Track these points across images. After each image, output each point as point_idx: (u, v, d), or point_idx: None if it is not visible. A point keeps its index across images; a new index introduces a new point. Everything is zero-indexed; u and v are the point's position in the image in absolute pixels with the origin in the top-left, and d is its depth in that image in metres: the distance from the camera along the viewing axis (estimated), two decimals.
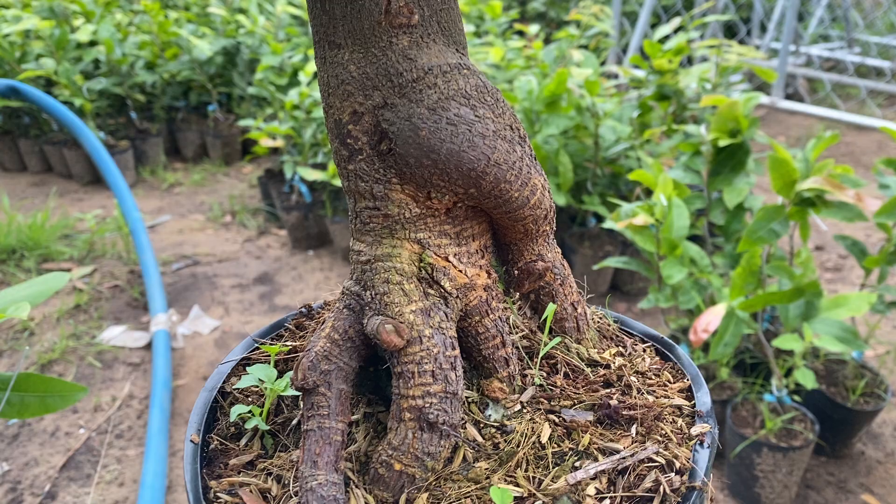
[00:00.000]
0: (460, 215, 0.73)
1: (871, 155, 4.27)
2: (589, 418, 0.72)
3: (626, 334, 0.90)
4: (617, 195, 2.75)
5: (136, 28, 4.32)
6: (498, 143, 0.68)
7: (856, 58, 5.43)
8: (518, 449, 0.69)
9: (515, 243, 0.78)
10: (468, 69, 0.69)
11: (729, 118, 1.98)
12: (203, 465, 0.73)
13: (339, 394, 0.72)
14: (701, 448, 0.68)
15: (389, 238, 0.72)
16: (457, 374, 0.70)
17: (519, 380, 0.77)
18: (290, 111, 3.08)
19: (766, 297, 1.67)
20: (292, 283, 2.96)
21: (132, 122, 4.25)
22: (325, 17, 0.67)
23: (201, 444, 0.74)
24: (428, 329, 0.70)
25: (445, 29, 0.69)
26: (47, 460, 2.01)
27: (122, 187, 2.86)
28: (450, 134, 0.65)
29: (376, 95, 0.67)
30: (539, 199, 0.73)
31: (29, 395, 1.25)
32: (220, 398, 0.80)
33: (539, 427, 0.71)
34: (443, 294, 0.72)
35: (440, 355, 0.69)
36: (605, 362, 0.81)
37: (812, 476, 1.92)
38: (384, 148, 0.68)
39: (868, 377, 1.95)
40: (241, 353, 0.86)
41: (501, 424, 0.72)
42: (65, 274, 1.34)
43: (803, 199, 1.69)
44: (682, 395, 0.78)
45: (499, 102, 0.70)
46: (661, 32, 2.80)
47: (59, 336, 2.55)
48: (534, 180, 0.71)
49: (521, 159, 0.70)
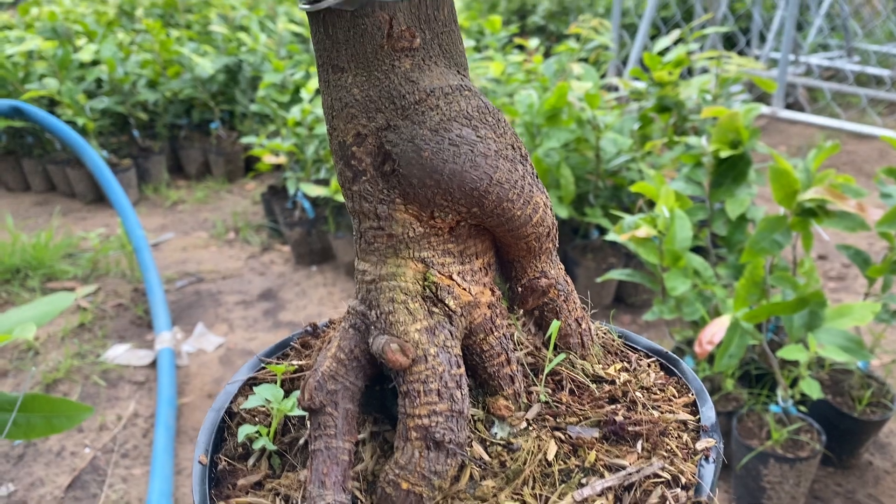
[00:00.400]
0: (463, 234, 0.74)
1: (873, 163, 4.27)
2: (595, 435, 0.72)
3: (630, 349, 0.90)
4: (619, 207, 2.75)
5: (137, 47, 4.35)
6: (500, 163, 0.68)
7: (855, 66, 5.45)
8: (524, 466, 0.69)
9: (518, 260, 0.78)
10: (469, 90, 0.69)
11: (729, 129, 1.99)
12: (211, 486, 0.73)
13: (345, 413, 0.72)
14: (706, 463, 0.68)
15: (394, 257, 0.72)
16: (462, 392, 0.70)
17: (524, 397, 0.77)
18: (293, 128, 3.09)
19: (770, 308, 1.67)
20: (296, 299, 2.97)
21: (135, 140, 4.27)
22: (328, 42, 0.68)
23: (209, 464, 0.74)
24: (433, 348, 0.70)
25: (446, 51, 0.70)
26: (53, 480, 2.00)
27: (126, 205, 2.88)
28: (452, 154, 0.66)
29: (379, 118, 0.68)
30: (541, 217, 0.73)
31: (35, 416, 1.26)
32: (227, 418, 0.81)
33: (545, 444, 0.71)
34: (447, 312, 0.73)
35: (445, 374, 0.70)
36: (609, 378, 0.81)
37: (820, 487, 1.92)
38: (388, 169, 0.69)
39: (874, 386, 1.95)
40: (248, 373, 0.86)
41: (507, 442, 0.72)
42: (70, 294, 1.34)
43: (805, 209, 1.69)
44: (687, 410, 0.78)
45: (500, 123, 0.70)
46: (661, 45, 2.81)
47: (63, 355, 2.55)
48: (536, 198, 0.72)
49: (523, 178, 0.71)
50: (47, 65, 3.78)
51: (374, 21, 0.65)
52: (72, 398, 2.33)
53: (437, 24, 0.68)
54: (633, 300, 2.87)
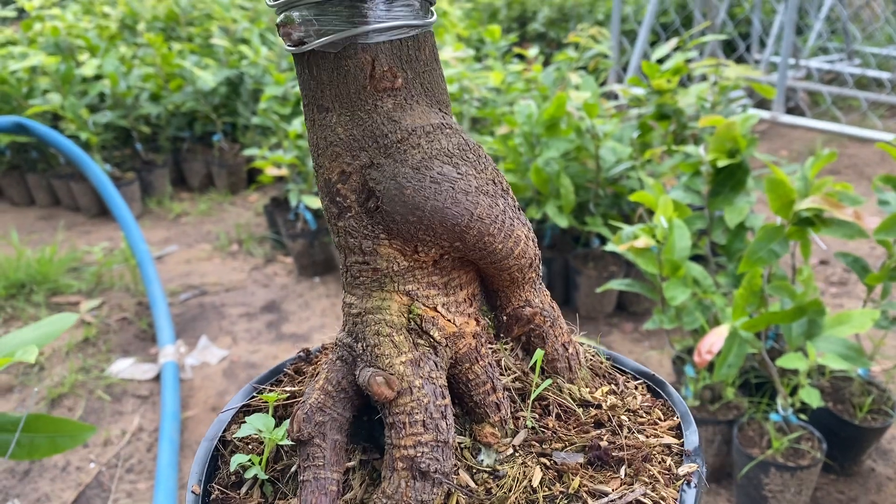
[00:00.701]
0: (447, 266, 0.75)
1: (874, 167, 4.27)
2: (579, 460, 0.73)
3: (618, 371, 0.91)
4: (620, 215, 2.76)
5: (140, 61, 4.38)
6: (480, 199, 0.70)
7: (855, 70, 5.45)
8: (510, 494, 0.70)
9: (503, 290, 0.80)
10: (450, 128, 0.71)
11: (727, 138, 2.00)
12: None
13: (333, 444, 0.73)
14: (688, 488, 0.69)
15: (379, 291, 0.74)
16: (447, 422, 0.71)
17: (511, 423, 0.78)
18: (294, 140, 3.11)
19: (769, 317, 1.68)
20: (299, 311, 2.98)
21: (138, 153, 4.30)
22: (312, 83, 0.70)
23: (203, 493, 0.76)
24: (418, 380, 0.72)
25: (428, 90, 0.71)
26: (59, 496, 2.02)
27: (129, 219, 2.89)
28: (433, 192, 0.68)
29: (363, 156, 0.70)
30: (523, 250, 0.75)
31: (39, 436, 1.27)
32: (220, 447, 0.82)
33: (530, 471, 0.72)
34: (432, 344, 0.74)
35: (430, 405, 0.71)
36: (596, 402, 0.82)
37: (822, 495, 1.92)
38: (372, 205, 0.71)
39: (875, 393, 1.95)
40: (242, 401, 0.87)
41: (493, 469, 0.73)
42: (72, 315, 1.36)
43: (802, 218, 1.70)
44: (672, 434, 0.79)
45: (480, 159, 0.72)
46: (660, 52, 2.82)
47: (68, 370, 2.57)
48: (517, 232, 0.73)
49: (504, 212, 0.72)
50: (50, 80, 3.81)
51: (357, 62, 0.67)
52: (76, 413, 2.34)
53: (419, 63, 0.70)
54: (635, 308, 2.87)
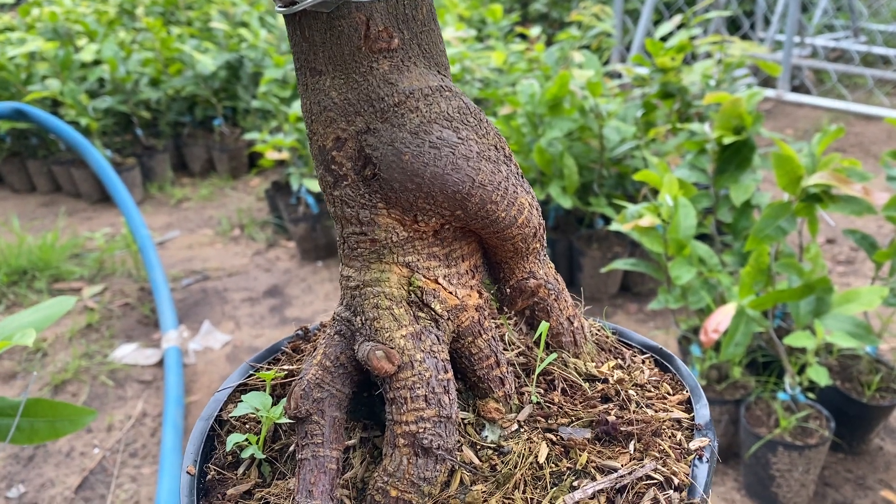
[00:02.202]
0: (448, 237, 0.73)
1: (881, 144, 4.23)
2: (587, 435, 0.71)
3: (624, 346, 0.89)
4: (624, 196, 2.73)
5: (139, 45, 4.35)
6: (482, 165, 0.67)
7: (861, 47, 5.39)
8: (515, 470, 0.68)
9: (506, 262, 0.78)
10: (450, 91, 0.68)
11: (732, 115, 1.97)
12: (201, 497, 0.73)
13: (332, 421, 0.71)
14: (700, 463, 0.67)
15: (378, 263, 0.72)
16: (450, 397, 0.69)
17: (516, 398, 0.76)
18: (294, 123, 3.08)
19: (776, 296, 1.66)
20: (302, 295, 2.97)
21: (138, 139, 4.28)
22: (304, 45, 0.67)
23: (199, 474, 0.74)
24: (419, 353, 0.69)
25: (426, 51, 0.69)
26: (63, 481, 2.01)
27: (130, 205, 2.88)
28: (433, 157, 0.65)
29: (359, 121, 0.67)
30: (527, 218, 0.72)
31: (38, 421, 1.26)
32: (217, 427, 0.80)
33: (536, 447, 0.70)
34: (434, 317, 0.72)
35: (432, 379, 0.69)
36: (602, 376, 0.80)
37: (830, 473, 1.90)
38: (368, 173, 0.68)
39: (883, 371, 1.93)
40: (238, 379, 0.85)
41: (498, 445, 0.71)
42: (70, 298, 1.34)
43: (810, 195, 1.68)
44: (682, 408, 0.77)
45: (482, 123, 0.69)
46: (664, 30, 2.78)
47: (71, 356, 2.56)
48: (520, 199, 0.71)
49: (507, 179, 0.69)
50: (49, 66, 3.78)
51: (351, 22, 0.64)
52: (80, 398, 2.34)
53: (416, 23, 0.67)
54: (640, 289, 2.85)
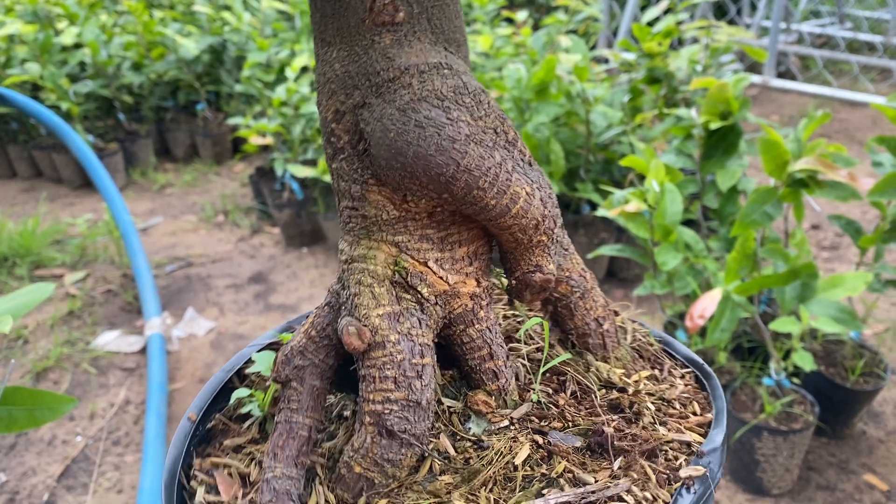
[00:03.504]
0: (446, 220, 0.71)
1: (866, 131, 4.25)
2: (576, 444, 0.69)
3: (667, 356, 0.84)
4: (610, 181, 2.73)
5: (120, 29, 4.28)
6: (470, 148, 0.65)
7: (847, 33, 5.40)
8: (487, 467, 0.66)
9: (511, 252, 0.75)
10: (449, 69, 0.66)
11: (719, 100, 1.96)
12: (199, 444, 0.75)
13: (311, 390, 0.72)
14: (685, 493, 0.63)
15: (366, 239, 0.71)
16: (423, 382, 0.68)
17: (516, 394, 0.74)
18: (278, 108, 3.05)
19: (761, 281, 1.66)
20: (287, 282, 2.95)
21: (121, 123, 4.22)
22: (317, 15, 0.67)
23: (203, 421, 0.76)
24: (394, 335, 0.68)
25: (437, 26, 0.67)
26: (45, 469, 1.99)
27: (112, 191, 2.84)
28: (417, 136, 0.63)
29: (356, 94, 0.66)
30: (523, 209, 0.69)
31: (17, 409, 1.23)
32: (235, 380, 0.81)
33: (518, 447, 0.68)
34: (419, 300, 0.71)
35: (405, 362, 0.68)
36: (624, 385, 0.77)
37: (814, 458, 1.91)
38: (361, 148, 0.67)
39: (867, 356, 1.94)
40: (271, 339, 0.87)
41: (479, 439, 0.70)
42: (49, 285, 1.32)
43: (796, 180, 1.67)
44: (700, 431, 0.73)
45: (480, 105, 0.67)
46: (650, 15, 2.77)
47: (53, 343, 2.53)
48: (514, 188, 0.68)
49: (500, 165, 0.67)
50: (28, 49, 3.72)
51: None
52: (62, 386, 2.32)
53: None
54: (626, 275, 2.85)
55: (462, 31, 0.69)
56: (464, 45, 0.70)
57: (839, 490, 1.81)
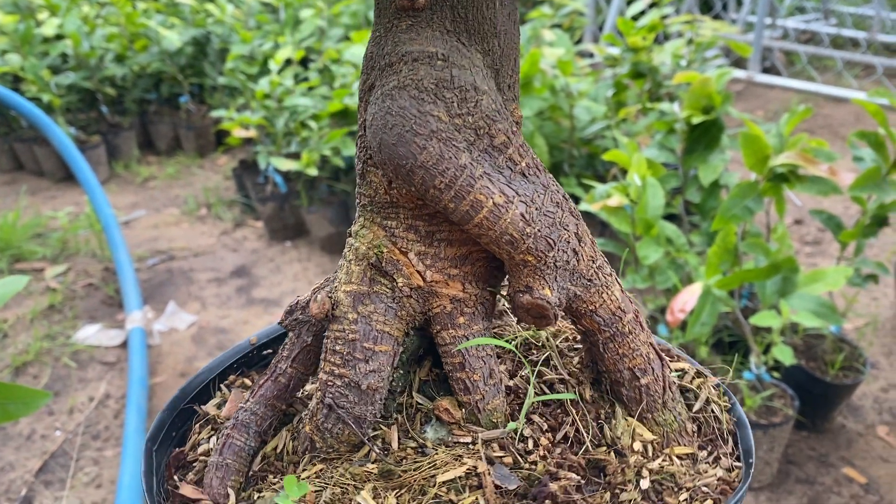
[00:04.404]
0: (438, 216, 0.70)
1: (849, 126, 4.27)
2: (511, 486, 0.65)
3: (733, 437, 0.74)
4: (594, 176, 2.73)
5: (103, 20, 4.24)
6: (430, 144, 0.62)
7: (832, 29, 5.42)
8: (410, 473, 0.66)
9: (507, 266, 0.71)
10: (444, 60, 0.63)
11: (702, 95, 1.96)
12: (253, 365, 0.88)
13: (302, 344, 0.76)
14: None
15: (363, 218, 0.72)
16: (369, 367, 0.69)
17: (502, 416, 0.72)
18: (262, 100, 3.03)
19: (742, 275, 1.66)
20: (270, 276, 2.93)
21: (103, 116, 4.18)
22: None
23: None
24: (353, 314, 0.70)
25: (460, 16, 0.64)
26: (23, 464, 1.97)
27: (93, 183, 2.81)
28: (384, 125, 0.63)
29: (372, 75, 0.68)
30: (488, 220, 0.64)
31: None
32: None
33: (453, 468, 0.66)
34: (393, 288, 0.71)
35: (357, 343, 0.69)
36: (634, 457, 0.68)
37: (793, 451, 1.92)
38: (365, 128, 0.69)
39: (847, 351, 1.95)
40: None
41: (424, 444, 0.70)
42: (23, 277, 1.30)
43: (777, 174, 1.68)
44: None
45: (465, 101, 0.63)
46: (635, 9, 2.77)
47: (33, 337, 2.51)
48: (477, 195, 0.63)
49: (462, 168, 0.63)
50: (9, 40, 3.68)
51: None
52: (42, 381, 2.29)
53: None
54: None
55: (493, 24, 0.65)
56: (493, 37, 0.66)
57: (818, 483, 1.82)
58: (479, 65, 0.65)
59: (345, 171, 3.04)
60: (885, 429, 1.99)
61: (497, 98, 0.65)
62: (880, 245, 2.94)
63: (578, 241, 0.68)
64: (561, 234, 0.66)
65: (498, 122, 0.64)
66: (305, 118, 2.93)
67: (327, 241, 3.04)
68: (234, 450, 0.72)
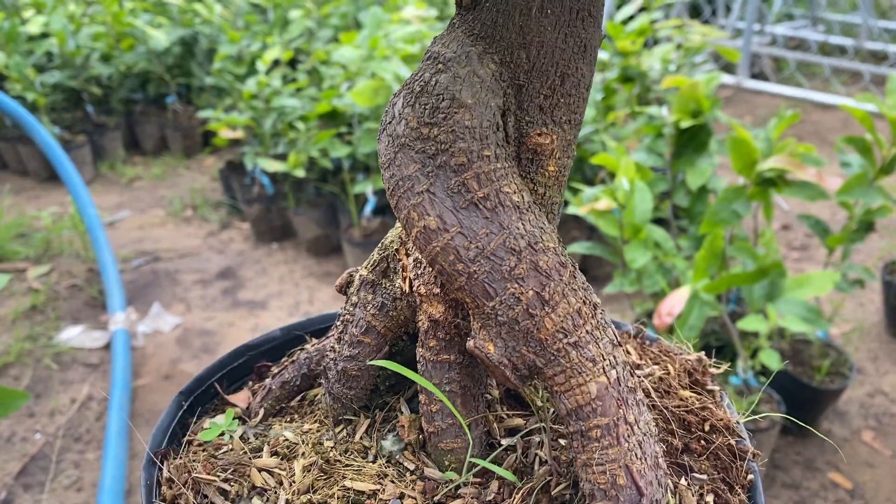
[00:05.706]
0: None
1: (837, 133, 4.29)
2: None
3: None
4: (582, 180, 2.72)
5: (89, 19, 4.20)
6: (390, 149, 0.61)
7: (819, 36, 5.45)
8: (339, 468, 0.69)
9: None
10: (444, 65, 0.60)
11: (690, 99, 1.96)
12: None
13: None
14: None
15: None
16: (352, 350, 0.73)
17: (452, 459, 0.69)
18: (249, 101, 3.01)
19: (730, 279, 1.65)
20: (256, 277, 2.91)
21: (89, 115, 4.15)
22: None
23: None
24: (354, 297, 0.74)
25: (490, 21, 0.61)
26: (3, 467, 1.94)
27: (78, 184, 2.78)
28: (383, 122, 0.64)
29: None
30: (418, 240, 0.59)
31: None
32: None
33: (364, 482, 0.67)
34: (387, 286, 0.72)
35: (349, 325, 0.73)
36: None
37: (779, 456, 1.92)
38: None
39: (833, 356, 1.95)
40: None
41: (365, 451, 0.72)
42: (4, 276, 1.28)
43: (764, 179, 1.67)
44: None
45: (436, 111, 0.59)
46: (625, 13, 2.76)
47: (14, 338, 2.48)
48: (410, 212, 0.59)
49: (404, 180, 0.60)
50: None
51: None
52: (23, 382, 2.26)
53: None
54: (596, 272, 2.85)
55: (522, 33, 0.59)
56: (520, 48, 0.59)
57: (804, 488, 1.82)
58: (485, 76, 0.59)
59: (332, 172, 3.02)
60: (870, 434, 1.99)
61: (485, 115, 0.58)
62: (867, 250, 2.95)
63: (542, 305, 0.58)
64: (507, 287, 0.58)
65: (463, 140, 0.58)
66: (293, 119, 2.91)
67: (314, 243, 3.02)
68: (282, 380, 0.82)
